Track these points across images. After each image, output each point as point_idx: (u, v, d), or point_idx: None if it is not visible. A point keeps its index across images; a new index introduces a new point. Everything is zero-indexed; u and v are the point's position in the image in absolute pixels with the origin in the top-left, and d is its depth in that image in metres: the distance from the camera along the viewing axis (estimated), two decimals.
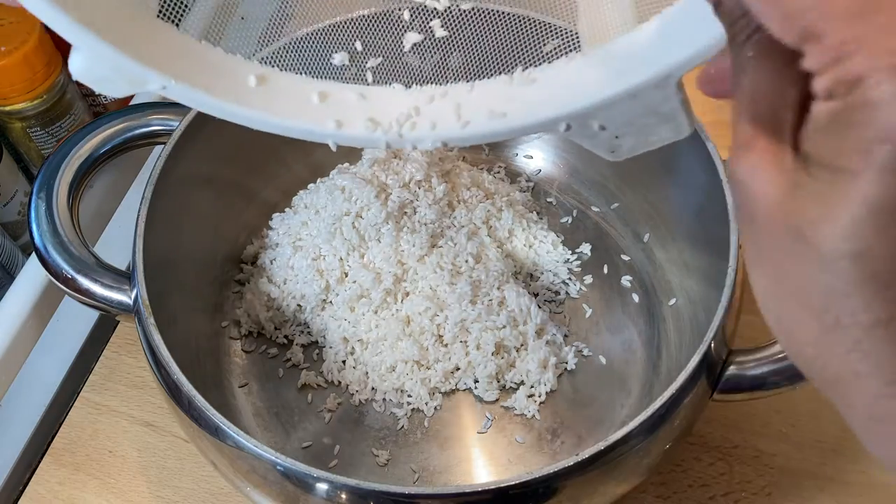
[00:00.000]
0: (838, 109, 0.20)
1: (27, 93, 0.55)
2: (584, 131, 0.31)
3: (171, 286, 0.45)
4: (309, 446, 0.47)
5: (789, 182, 0.22)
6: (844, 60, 0.20)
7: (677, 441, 0.40)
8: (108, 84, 0.31)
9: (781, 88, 0.23)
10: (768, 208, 0.22)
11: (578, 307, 0.51)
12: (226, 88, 0.32)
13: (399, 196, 0.50)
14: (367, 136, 0.34)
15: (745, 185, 0.23)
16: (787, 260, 0.22)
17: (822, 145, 0.21)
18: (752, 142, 0.23)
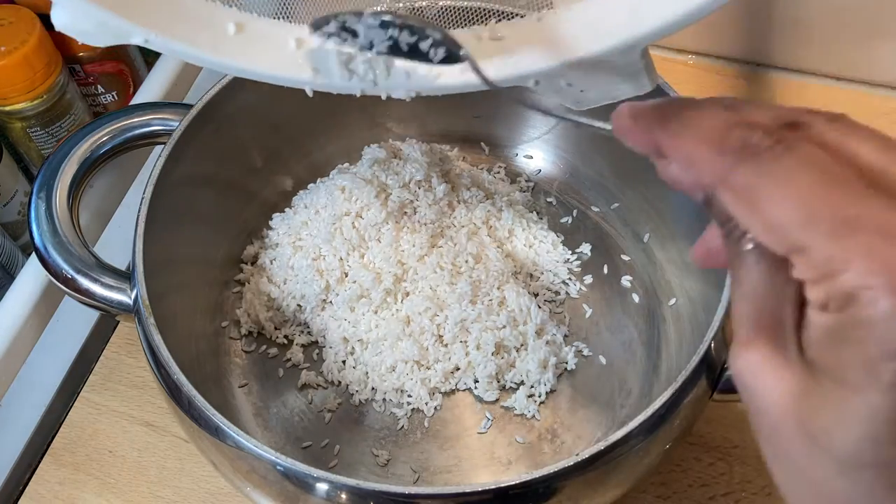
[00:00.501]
0: (835, 324, 0.20)
1: (27, 93, 0.55)
2: (550, 86, 0.32)
3: (171, 286, 0.45)
4: (309, 446, 0.47)
5: (798, 385, 0.21)
6: (834, 276, 0.20)
7: (677, 441, 0.40)
8: (91, 37, 0.31)
9: (779, 285, 0.23)
10: (779, 410, 0.22)
11: (578, 307, 0.51)
12: (205, 38, 0.33)
13: (399, 196, 0.50)
14: (342, 84, 0.35)
15: (750, 386, 0.22)
16: (806, 461, 0.21)
17: (825, 355, 0.21)
18: (756, 339, 0.23)
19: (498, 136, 0.58)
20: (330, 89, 0.35)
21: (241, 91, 0.49)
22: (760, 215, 0.21)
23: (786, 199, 0.21)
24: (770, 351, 0.22)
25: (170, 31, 0.32)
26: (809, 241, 0.20)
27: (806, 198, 0.20)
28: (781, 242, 0.21)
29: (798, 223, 0.20)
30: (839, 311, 0.20)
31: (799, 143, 0.21)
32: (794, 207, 0.20)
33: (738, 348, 0.23)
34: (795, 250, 0.21)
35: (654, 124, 0.25)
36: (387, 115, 0.57)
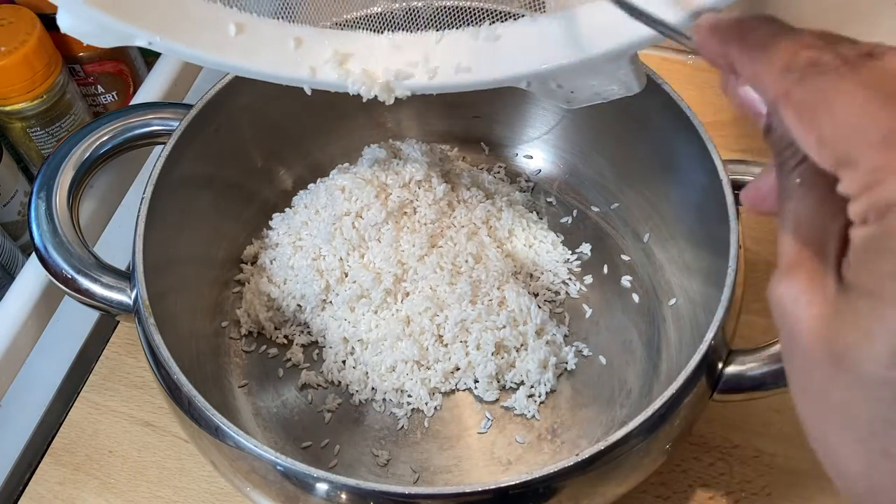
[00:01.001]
0: (872, 235, 0.21)
1: (27, 93, 0.55)
2: (542, 87, 0.33)
3: (171, 286, 0.45)
4: (309, 446, 0.47)
5: (830, 308, 0.22)
6: (876, 186, 0.20)
7: (677, 441, 0.40)
8: (95, 38, 0.32)
9: (825, 216, 0.23)
10: (810, 334, 0.22)
11: (578, 307, 0.51)
12: (208, 39, 0.33)
13: (399, 196, 0.50)
14: (338, 83, 0.35)
15: (786, 310, 0.23)
16: (830, 386, 0.22)
17: (859, 271, 0.21)
18: (796, 267, 0.23)
19: (498, 136, 0.58)
20: (327, 87, 0.36)
21: (241, 91, 0.49)
22: (816, 129, 0.21)
23: (841, 112, 0.21)
24: (809, 279, 0.23)
25: (172, 33, 0.32)
26: (858, 153, 0.20)
27: (860, 112, 0.21)
28: (832, 155, 0.21)
29: (850, 136, 0.21)
30: (879, 220, 0.20)
31: (868, 66, 0.22)
32: (847, 121, 0.21)
33: (778, 276, 0.23)
34: (844, 163, 0.21)
35: (731, 38, 0.25)
36: (387, 115, 0.57)
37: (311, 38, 0.35)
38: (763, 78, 0.23)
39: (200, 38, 0.33)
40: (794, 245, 0.23)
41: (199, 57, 0.33)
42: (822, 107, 0.21)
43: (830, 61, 0.22)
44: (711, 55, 0.26)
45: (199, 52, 0.33)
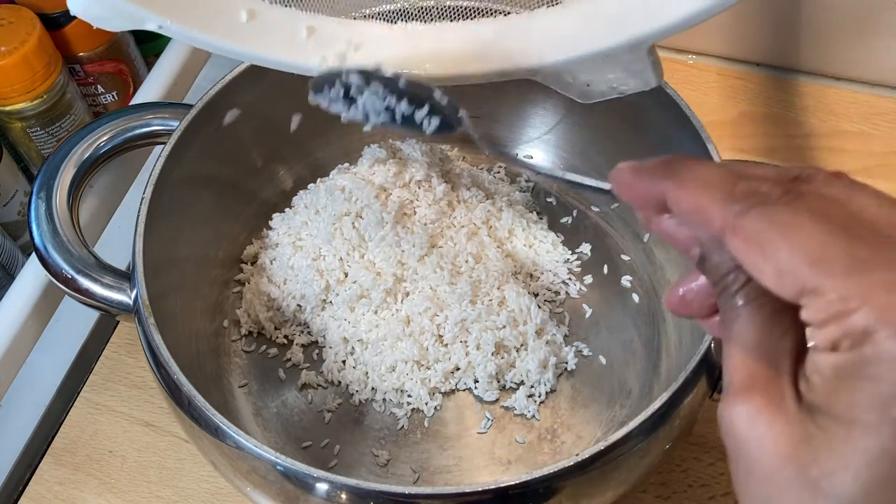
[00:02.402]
0: (846, 363, 0.21)
1: (27, 93, 0.55)
2: (557, 79, 0.33)
3: (171, 286, 0.45)
4: (309, 446, 0.47)
5: (798, 432, 0.22)
6: (847, 315, 0.20)
7: (677, 441, 0.40)
8: (106, 21, 0.31)
9: (775, 336, 0.23)
10: (775, 459, 0.22)
11: (578, 307, 0.51)
12: (219, 25, 0.33)
13: (399, 196, 0.50)
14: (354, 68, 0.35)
15: (742, 433, 0.23)
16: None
17: (832, 398, 0.21)
18: (750, 388, 0.23)
19: (498, 136, 0.58)
20: None
21: (241, 91, 0.49)
22: (771, 260, 0.21)
23: (798, 243, 0.21)
24: (765, 401, 0.22)
25: (183, 18, 0.32)
26: (822, 283, 0.21)
27: (818, 241, 0.21)
28: (792, 286, 0.21)
29: (811, 265, 0.21)
30: (851, 349, 0.20)
31: (807, 193, 0.22)
32: (806, 251, 0.21)
33: (730, 399, 0.23)
34: (807, 293, 0.21)
35: (660, 175, 0.25)
36: None
37: (323, 27, 0.35)
38: (706, 211, 0.23)
39: (211, 24, 0.32)
40: (745, 366, 0.23)
41: (210, 43, 0.33)
42: (774, 238, 0.21)
43: (770, 191, 0.22)
44: (637, 196, 0.26)
45: (209, 37, 0.33)
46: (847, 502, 0.20)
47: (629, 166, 0.26)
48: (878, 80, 0.62)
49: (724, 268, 0.24)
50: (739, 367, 0.23)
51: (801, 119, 0.61)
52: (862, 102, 0.62)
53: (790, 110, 0.62)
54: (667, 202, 0.25)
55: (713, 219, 0.23)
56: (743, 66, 0.64)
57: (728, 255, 0.24)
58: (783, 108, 0.62)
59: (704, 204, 0.23)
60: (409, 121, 0.31)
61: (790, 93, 0.62)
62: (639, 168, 0.26)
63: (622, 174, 0.27)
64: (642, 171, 0.26)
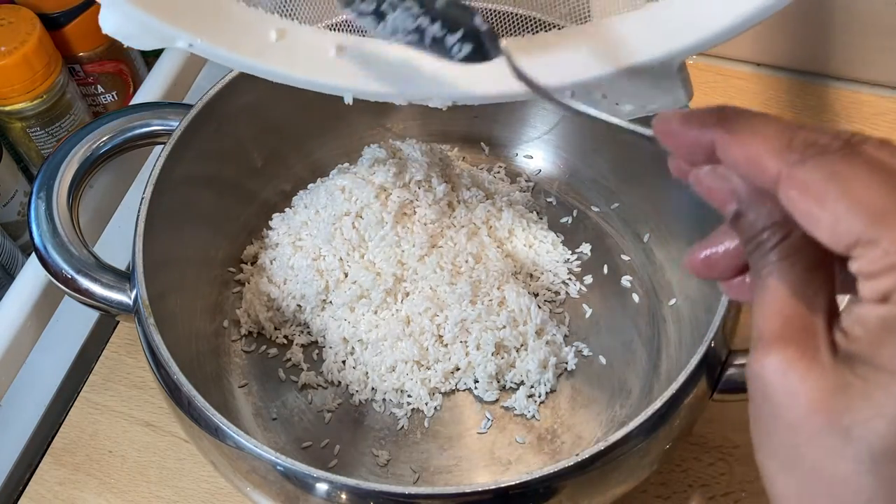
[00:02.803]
0: (894, 315, 0.21)
1: (27, 93, 0.55)
2: (586, 98, 0.32)
3: (171, 286, 0.45)
4: (309, 446, 0.47)
5: (832, 382, 0.22)
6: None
7: (677, 441, 0.40)
8: (137, 40, 0.32)
9: (810, 291, 0.23)
10: (807, 408, 0.22)
11: (578, 307, 0.51)
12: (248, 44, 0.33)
13: (399, 196, 0.50)
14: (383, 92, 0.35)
15: (773, 383, 0.23)
16: (827, 460, 0.22)
17: (874, 347, 0.21)
18: (783, 340, 0.23)
19: (498, 136, 0.58)
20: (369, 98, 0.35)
21: (241, 91, 0.49)
22: (828, 209, 0.22)
23: (857, 194, 0.21)
24: (799, 352, 0.23)
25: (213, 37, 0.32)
26: (880, 234, 0.21)
27: (877, 194, 0.21)
28: (847, 236, 0.21)
29: (869, 216, 0.21)
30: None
31: (863, 149, 0.22)
32: (865, 202, 0.21)
33: (763, 351, 0.23)
34: (862, 243, 0.21)
35: (712, 122, 0.25)
36: (387, 115, 0.57)
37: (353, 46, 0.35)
38: (761, 160, 0.23)
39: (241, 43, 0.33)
40: (778, 318, 0.24)
41: (239, 62, 0.33)
42: (832, 188, 0.22)
43: (830, 143, 0.23)
44: (683, 143, 0.26)
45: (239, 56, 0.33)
46: (879, 448, 0.21)
47: (677, 113, 0.26)
48: (878, 80, 0.62)
49: (760, 224, 0.24)
50: (773, 318, 0.24)
51: (802, 119, 0.61)
52: (862, 102, 0.62)
53: (790, 111, 0.62)
54: (716, 151, 0.25)
55: (768, 168, 0.23)
56: (743, 66, 0.64)
57: (765, 211, 0.24)
58: (783, 109, 0.62)
59: (760, 152, 0.23)
60: (439, 44, 0.31)
61: (790, 93, 0.62)
62: (688, 115, 0.26)
63: (669, 122, 0.26)
64: (692, 117, 0.26)
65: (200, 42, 0.31)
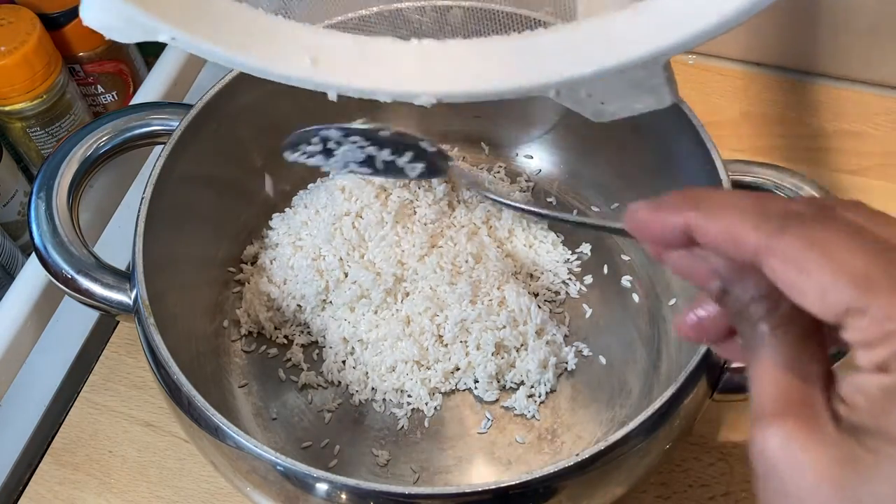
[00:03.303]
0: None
1: (27, 93, 0.55)
2: (571, 96, 0.32)
3: (171, 286, 0.45)
4: (309, 446, 0.47)
5: (838, 453, 0.22)
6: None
7: (677, 441, 0.40)
8: (119, 32, 0.31)
9: (804, 360, 0.23)
10: (815, 480, 0.22)
11: (578, 307, 0.51)
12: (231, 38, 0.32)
13: (399, 196, 0.50)
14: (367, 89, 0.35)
15: (776, 457, 0.22)
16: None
17: (880, 418, 0.21)
18: (783, 413, 0.23)
19: (498, 136, 0.58)
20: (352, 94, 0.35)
21: (241, 91, 0.49)
22: (813, 278, 0.21)
23: (840, 261, 0.21)
24: (798, 425, 0.22)
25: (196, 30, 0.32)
26: (868, 302, 0.21)
27: (860, 260, 0.21)
28: (836, 305, 0.21)
29: (855, 284, 0.21)
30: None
31: (839, 216, 0.22)
32: (849, 269, 0.21)
33: (762, 424, 0.23)
34: (852, 312, 0.21)
35: (683, 206, 0.25)
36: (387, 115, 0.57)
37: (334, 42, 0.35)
38: (738, 235, 0.23)
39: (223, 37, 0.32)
40: (775, 390, 0.23)
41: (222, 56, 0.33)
42: (814, 256, 0.21)
43: (804, 210, 0.22)
44: (656, 232, 0.26)
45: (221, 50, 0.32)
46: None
47: (646, 205, 0.26)
48: (878, 80, 0.62)
49: (746, 297, 0.24)
50: (769, 391, 0.23)
51: (802, 119, 0.61)
52: (862, 102, 0.62)
53: (790, 110, 0.62)
54: (690, 233, 0.25)
55: (747, 242, 0.23)
56: (743, 66, 0.64)
57: (750, 284, 0.24)
58: (783, 109, 0.62)
59: (736, 227, 0.23)
60: (391, 166, 0.31)
61: (790, 93, 0.62)
62: (657, 204, 0.26)
63: (639, 213, 0.26)
64: (661, 206, 0.26)
65: (182, 34, 0.31)
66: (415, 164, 0.31)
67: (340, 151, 0.30)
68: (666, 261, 0.27)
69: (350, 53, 0.35)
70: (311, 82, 0.34)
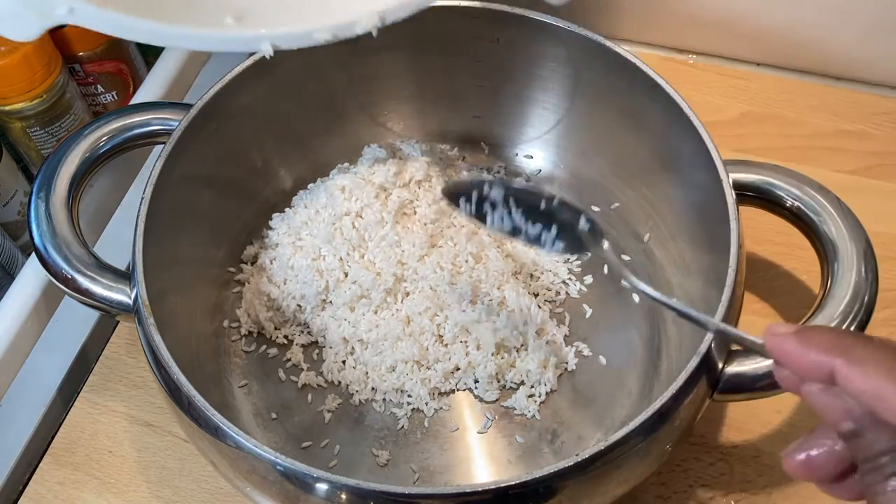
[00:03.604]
0: None
1: (27, 93, 0.55)
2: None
3: (171, 286, 0.45)
4: (309, 446, 0.47)
5: None
6: None
7: (677, 441, 0.40)
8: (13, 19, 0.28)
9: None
10: None
11: (578, 307, 0.51)
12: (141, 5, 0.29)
13: (399, 196, 0.50)
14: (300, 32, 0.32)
15: None
16: None
17: None
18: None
19: (498, 136, 0.58)
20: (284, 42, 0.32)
21: (241, 91, 0.49)
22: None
23: None
24: None
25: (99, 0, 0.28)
26: None
27: None
28: None
29: None
30: None
31: None
32: None
33: None
34: None
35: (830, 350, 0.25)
36: (387, 115, 0.57)
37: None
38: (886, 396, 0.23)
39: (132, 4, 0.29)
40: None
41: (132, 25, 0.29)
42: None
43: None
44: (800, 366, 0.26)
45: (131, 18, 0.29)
46: None
47: (793, 335, 0.26)
48: (878, 80, 0.62)
49: (880, 447, 0.24)
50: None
51: (802, 119, 0.61)
52: (862, 102, 0.62)
53: (791, 110, 0.62)
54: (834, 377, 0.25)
55: (893, 404, 0.23)
56: (743, 65, 0.64)
57: (886, 436, 0.24)
58: (783, 108, 0.62)
59: (884, 389, 0.23)
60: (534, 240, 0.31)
61: (791, 93, 0.62)
62: (805, 338, 0.26)
63: (784, 342, 0.26)
64: (809, 342, 0.26)
65: (83, 4, 0.27)
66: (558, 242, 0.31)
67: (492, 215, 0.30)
68: (801, 391, 0.27)
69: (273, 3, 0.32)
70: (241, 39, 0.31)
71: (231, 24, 0.31)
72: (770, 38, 0.62)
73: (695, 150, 0.45)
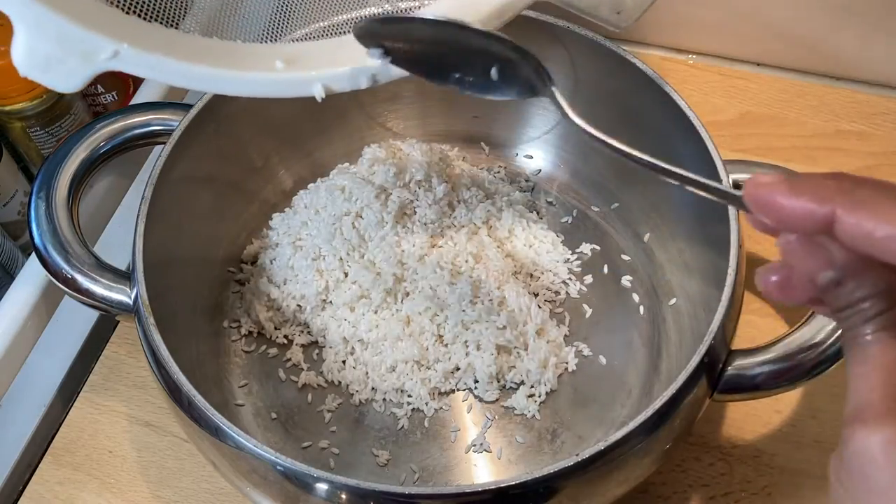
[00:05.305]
0: None
1: (27, 93, 0.55)
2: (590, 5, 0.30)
3: (171, 286, 0.45)
4: (309, 446, 0.47)
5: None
6: None
7: (677, 441, 0.40)
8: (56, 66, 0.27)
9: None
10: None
11: (578, 307, 0.51)
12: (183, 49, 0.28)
13: (399, 196, 0.50)
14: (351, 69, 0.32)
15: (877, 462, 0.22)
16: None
17: None
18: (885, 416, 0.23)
19: (498, 136, 0.58)
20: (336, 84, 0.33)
21: None
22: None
23: None
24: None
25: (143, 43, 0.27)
26: None
27: None
28: None
29: None
30: None
31: None
32: None
33: (862, 425, 0.23)
34: None
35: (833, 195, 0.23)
36: (387, 115, 0.57)
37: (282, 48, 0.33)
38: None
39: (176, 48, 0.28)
40: (881, 392, 0.23)
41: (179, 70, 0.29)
42: None
43: None
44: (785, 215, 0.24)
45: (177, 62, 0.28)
46: None
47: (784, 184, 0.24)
48: (878, 80, 0.62)
49: (861, 293, 0.24)
50: (875, 391, 0.23)
51: (802, 119, 0.61)
52: (862, 102, 0.62)
53: (790, 110, 0.62)
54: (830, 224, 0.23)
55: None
56: (743, 65, 0.64)
57: (870, 280, 0.23)
58: (783, 108, 0.62)
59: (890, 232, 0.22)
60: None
61: (791, 93, 0.62)
62: (796, 188, 0.24)
63: (770, 191, 0.24)
64: (802, 189, 0.24)
65: (129, 48, 0.26)
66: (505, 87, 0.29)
67: None
68: (779, 242, 0.26)
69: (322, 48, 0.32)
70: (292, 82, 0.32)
71: (281, 67, 0.31)
72: (770, 38, 0.62)
73: (695, 150, 0.45)
